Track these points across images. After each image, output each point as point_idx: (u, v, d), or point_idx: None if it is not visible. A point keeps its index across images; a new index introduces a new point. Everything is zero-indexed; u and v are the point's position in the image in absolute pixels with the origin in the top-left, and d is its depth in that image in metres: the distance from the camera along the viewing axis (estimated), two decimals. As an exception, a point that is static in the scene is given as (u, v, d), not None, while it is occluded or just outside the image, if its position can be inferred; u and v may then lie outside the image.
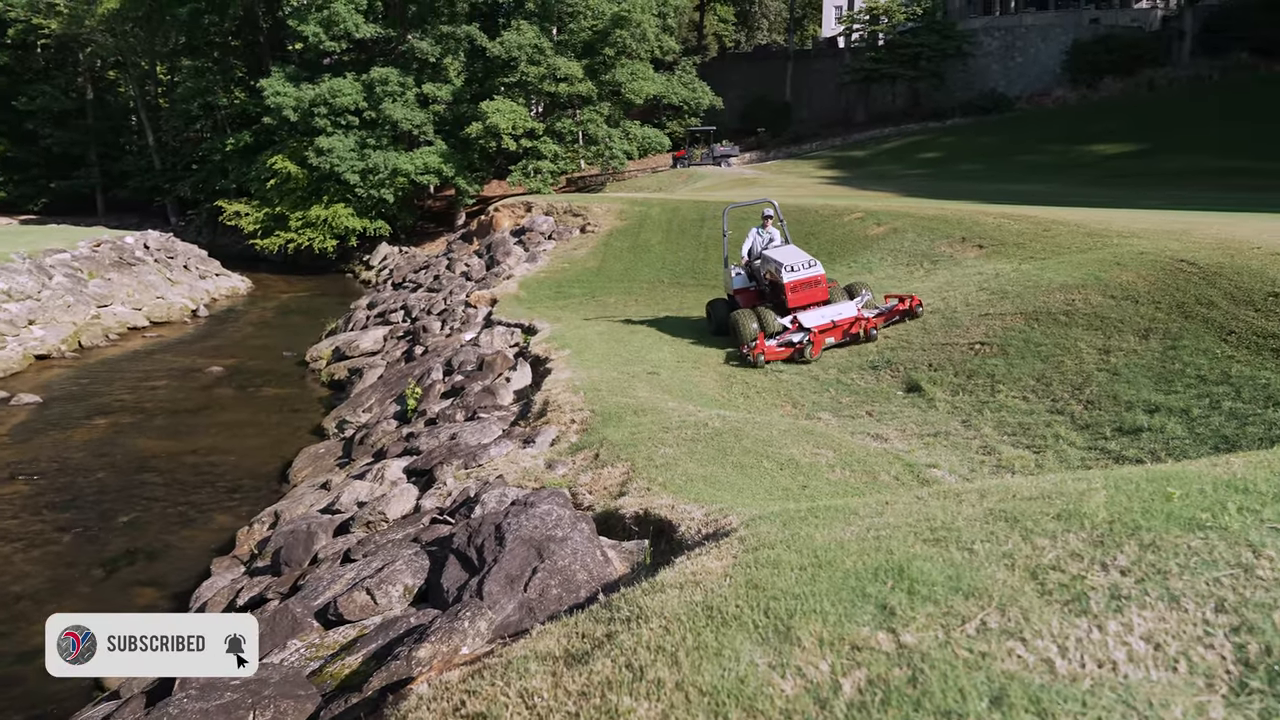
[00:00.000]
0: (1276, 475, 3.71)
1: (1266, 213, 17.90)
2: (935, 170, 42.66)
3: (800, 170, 46.22)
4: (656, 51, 43.22)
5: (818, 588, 3.34)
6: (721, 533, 5.11)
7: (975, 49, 56.27)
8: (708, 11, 78.02)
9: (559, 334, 15.98)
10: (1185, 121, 42.37)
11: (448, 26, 39.55)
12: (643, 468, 7.85)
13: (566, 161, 42.37)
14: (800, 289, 13.69)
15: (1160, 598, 2.81)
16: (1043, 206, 20.48)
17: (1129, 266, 12.25)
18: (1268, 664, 2.42)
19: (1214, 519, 3.31)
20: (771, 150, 56.29)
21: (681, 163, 49.81)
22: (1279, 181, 29.33)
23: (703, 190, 37.33)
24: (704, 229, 25.13)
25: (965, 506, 4.18)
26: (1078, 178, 35.31)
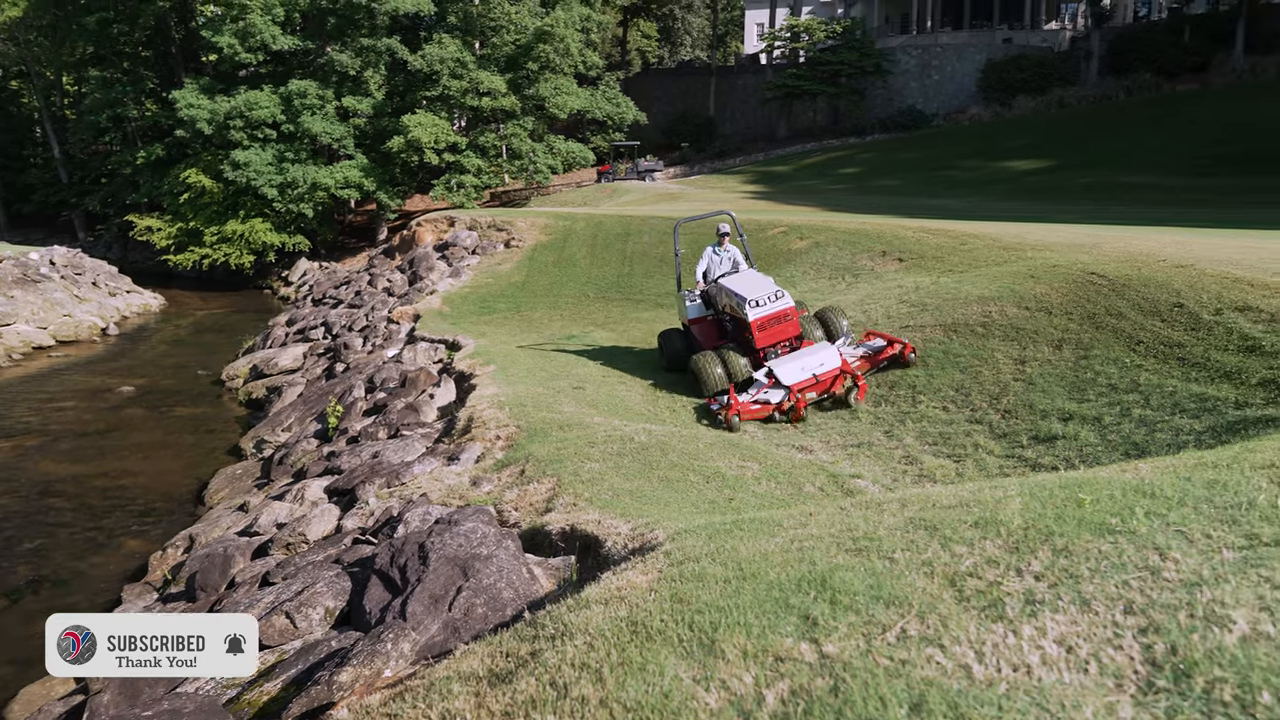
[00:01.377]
0: (1182, 480, 3.84)
1: (1170, 226, 18.62)
2: (856, 185, 43.47)
3: (724, 185, 46.68)
4: (580, 67, 43.32)
5: (742, 600, 3.36)
6: (648, 547, 5.10)
7: (894, 67, 57.61)
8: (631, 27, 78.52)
9: (484, 349, 15.84)
10: (1094, 138, 43.91)
11: (368, 39, 39.08)
12: (569, 483, 7.79)
13: (490, 176, 42.14)
14: (768, 326, 11.76)
15: (1072, 601, 2.88)
16: (960, 221, 21.01)
17: (1042, 279, 12.61)
18: (1173, 663, 2.49)
19: (1123, 523, 3.41)
20: (696, 165, 56.76)
21: (606, 177, 49.93)
22: (1183, 196, 30.56)
23: (627, 205, 37.46)
24: (629, 243, 25.20)
25: (887, 516, 4.24)
26: (993, 193, 36.32)
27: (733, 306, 12.22)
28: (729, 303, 12.37)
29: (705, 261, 13.59)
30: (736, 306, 12.03)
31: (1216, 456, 4.35)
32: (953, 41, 58.45)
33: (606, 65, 58.20)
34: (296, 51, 40.75)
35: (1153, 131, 42.80)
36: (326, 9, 39.02)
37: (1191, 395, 8.60)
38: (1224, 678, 2.39)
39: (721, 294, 12.59)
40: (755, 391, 11.35)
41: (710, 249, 13.65)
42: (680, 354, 13.31)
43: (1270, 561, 2.90)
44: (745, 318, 11.75)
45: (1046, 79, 53.71)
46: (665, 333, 14.04)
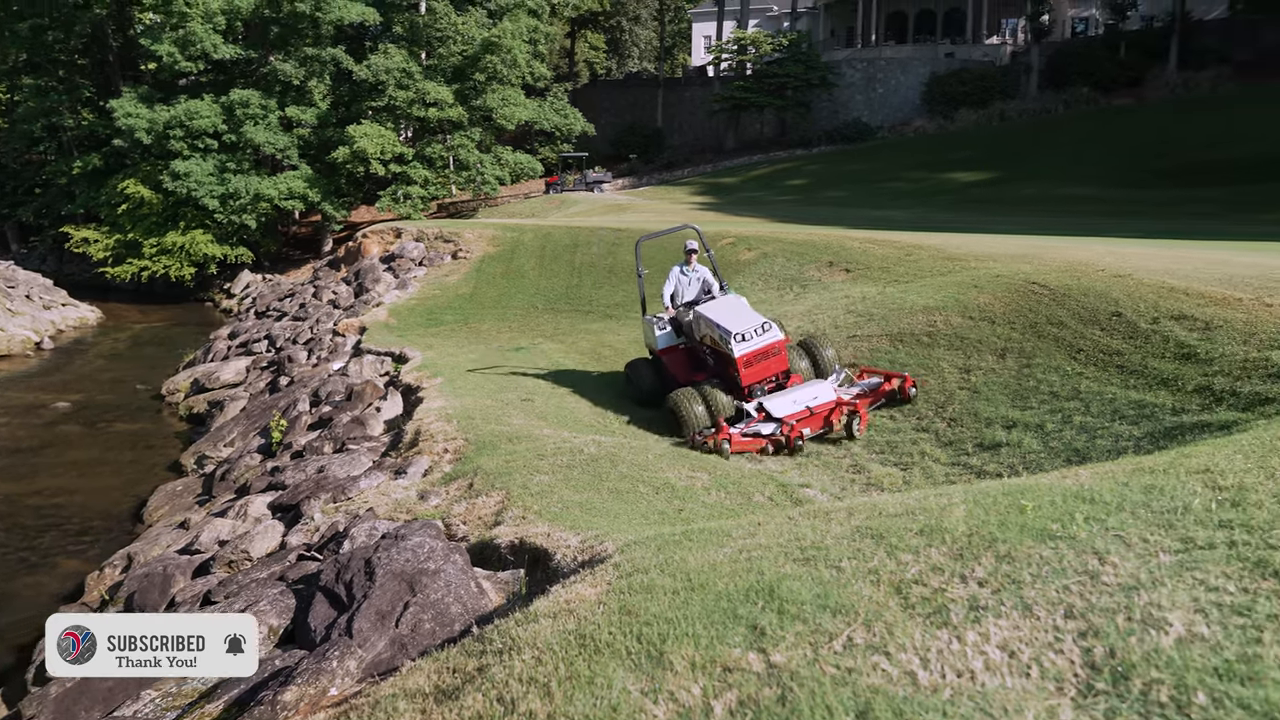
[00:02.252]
0: (1120, 485, 3.92)
1: (1108, 237, 19.05)
2: (803, 196, 43.89)
3: (672, 196, 46.87)
4: (528, 78, 43.24)
5: (690, 611, 3.35)
6: (597, 559, 5.08)
7: (839, 80, 58.41)
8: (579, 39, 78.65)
9: (431, 362, 15.70)
10: (1034, 151, 44.86)
11: (312, 49, 38.64)
12: (518, 496, 7.75)
13: (437, 187, 41.83)
14: (754, 362, 10.64)
15: (1015, 607, 2.92)
16: (905, 231, 21.29)
17: (986, 289, 12.82)
18: (1112, 666, 2.54)
19: (1063, 529, 3.47)
20: (644, 176, 56.93)
21: (554, 189, 49.87)
22: (1121, 207, 31.32)
23: (576, 216, 37.44)
24: (577, 254, 25.18)
25: (834, 525, 4.27)
26: (937, 204, 36.91)
27: (715, 339, 10.98)
28: (710, 334, 11.10)
29: (672, 283, 12.43)
30: (720, 340, 10.79)
31: (1154, 462, 4.45)
32: (897, 55, 59.46)
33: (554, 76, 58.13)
34: (239, 61, 40.17)
35: (1090, 144, 43.85)
36: (270, 18, 38.53)
37: (1130, 402, 8.79)
38: (1161, 679, 2.43)
39: (700, 324, 11.31)
40: (745, 424, 10.31)
41: (677, 269, 12.52)
42: (653, 388, 12.13)
43: (1204, 564, 2.96)
44: (730, 353, 10.58)
45: (988, 93, 54.87)
46: (634, 364, 12.81)
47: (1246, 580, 2.81)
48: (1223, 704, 2.30)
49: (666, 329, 12.23)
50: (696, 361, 11.85)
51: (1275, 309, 9.40)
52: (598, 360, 15.38)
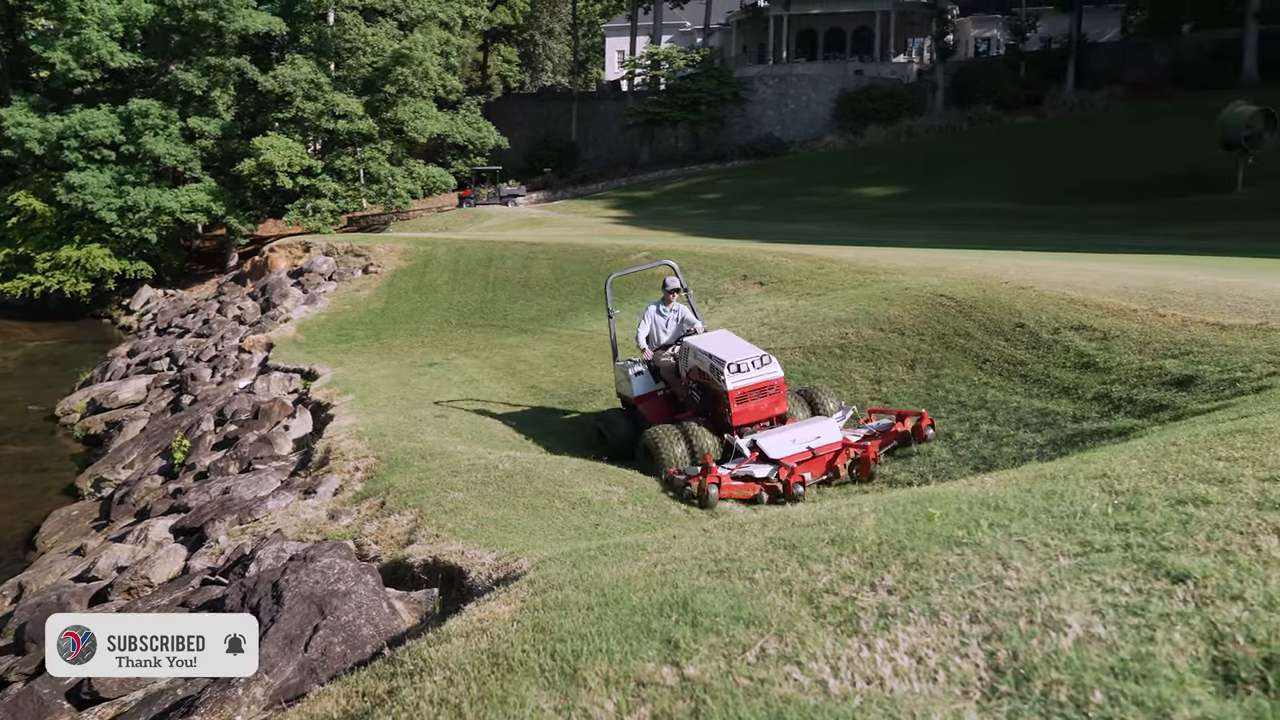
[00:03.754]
0: (1023, 492, 4.03)
1: (1012, 250, 19.66)
2: (717, 210, 44.35)
3: (587, 210, 46.92)
4: (440, 90, 42.86)
5: (605, 626, 3.34)
6: (512, 576, 5.04)
7: (752, 95, 59.33)
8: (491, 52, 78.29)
9: (342, 378, 15.40)
10: (941, 166, 46.17)
11: (215, 58, 37.64)
12: (432, 514, 7.64)
13: (347, 200, 41.12)
14: (749, 398, 9.34)
15: (922, 613, 2.97)
16: (818, 245, 21.65)
17: (895, 302, 13.11)
18: (1014, 668, 2.60)
19: (969, 536, 3.55)
20: (559, 190, 56.88)
21: (468, 202, 49.45)
22: (1024, 222, 32.43)
23: (489, 230, 37.20)
24: (491, 269, 25.01)
25: (748, 537, 4.30)
26: (849, 218, 37.65)
27: (703, 371, 9.70)
28: (698, 366, 9.80)
29: (648, 324, 11.22)
30: (710, 371, 9.50)
31: (1055, 469, 4.59)
32: (808, 72, 60.70)
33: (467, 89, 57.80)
34: (137, 69, 38.88)
35: (994, 160, 45.34)
36: (170, 26, 37.41)
37: (1034, 410, 9.08)
38: (1060, 680, 2.50)
39: (688, 356, 10.06)
40: (737, 464, 8.90)
41: (653, 308, 11.33)
42: (629, 439, 10.54)
43: (1102, 567, 3.06)
44: (722, 386, 9.26)
45: (896, 109, 56.39)
46: (606, 416, 11.37)
47: (1140, 581, 2.91)
48: (1118, 701, 2.38)
49: (643, 373, 10.96)
50: (676, 409, 10.63)
51: (1168, 319, 9.83)
52: (513, 375, 15.28)
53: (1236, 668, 2.39)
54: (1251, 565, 2.88)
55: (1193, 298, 10.56)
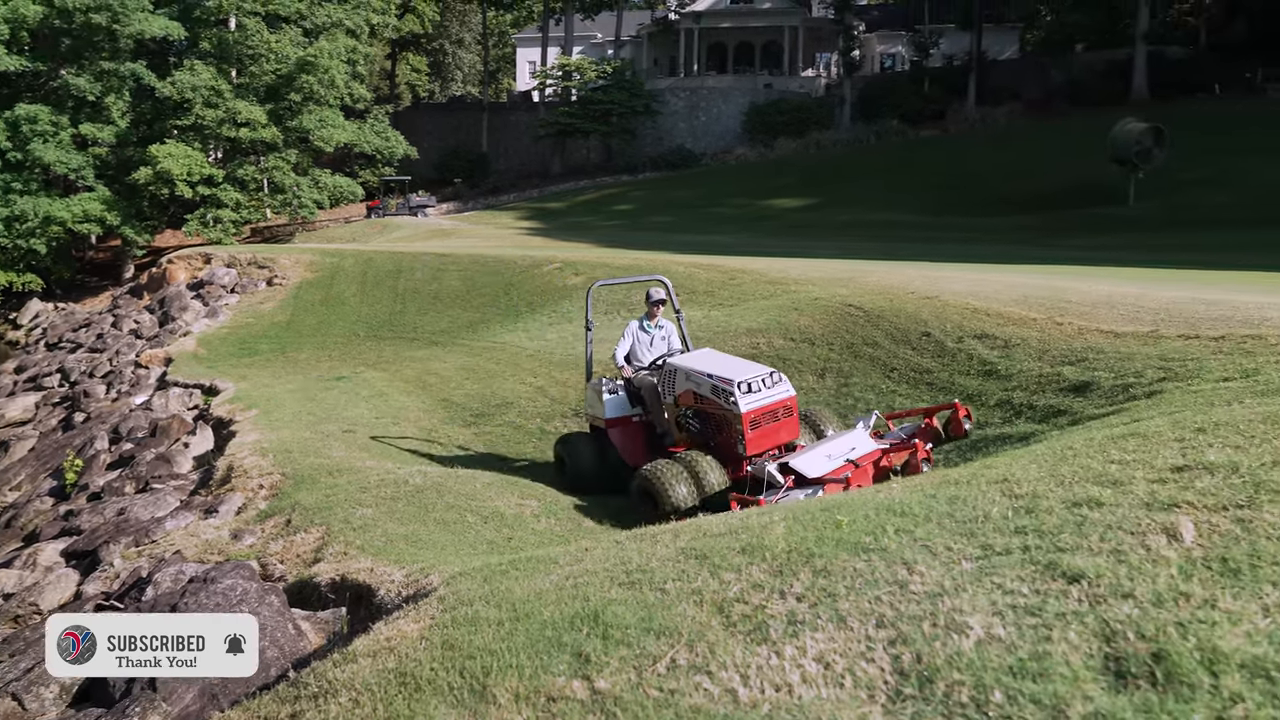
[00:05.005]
0: (928, 497, 4.12)
1: (918, 261, 20.17)
2: (629, 221, 44.52)
3: (499, 221, 46.63)
4: (347, 99, 42.20)
5: (515, 641, 3.30)
6: (422, 593, 4.96)
7: (663, 108, 59.90)
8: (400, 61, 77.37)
9: (245, 393, 14.97)
10: (849, 179, 47.22)
11: (109, 63, 36.37)
12: (339, 531, 7.47)
13: (250, 210, 40.13)
14: (764, 422, 8.00)
15: (830, 619, 3.01)
16: (729, 256, 21.88)
17: (806, 312, 13.31)
18: (918, 671, 2.65)
19: (875, 541, 3.61)
20: (469, 201, 56.46)
21: (376, 213, 48.72)
22: (929, 233, 33.35)
23: (399, 241, 36.68)
24: (401, 280, 24.65)
25: (660, 547, 4.31)
26: (760, 229, 38.19)
27: (700, 395, 8.35)
28: (691, 390, 8.46)
29: (628, 340, 9.72)
30: (713, 394, 8.16)
31: (958, 474, 4.70)
32: (718, 85, 61.56)
33: (375, 98, 56.98)
34: (25, 73, 37.35)
35: (900, 173, 46.58)
36: (61, 29, 36.03)
37: (938, 417, 9.30)
38: (962, 681, 2.56)
39: (678, 379, 8.64)
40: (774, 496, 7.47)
41: (636, 324, 9.84)
42: (594, 469, 9.39)
43: (1002, 569, 3.14)
44: (732, 410, 7.93)
45: (805, 123, 57.61)
46: (568, 440, 9.86)
47: (1038, 582, 2.99)
48: (1016, 700, 2.44)
49: (616, 393, 9.53)
50: (652, 438, 9.37)
51: (1065, 327, 10.19)
52: (423, 388, 15.06)
53: (1127, 664, 2.47)
54: (1141, 564, 2.99)
55: (1088, 307, 10.97)
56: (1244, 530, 3.09)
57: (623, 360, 9.57)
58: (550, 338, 16.92)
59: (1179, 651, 2.44)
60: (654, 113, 58.80)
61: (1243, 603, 2.65)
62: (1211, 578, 2.83)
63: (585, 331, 10.32)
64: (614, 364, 9.69)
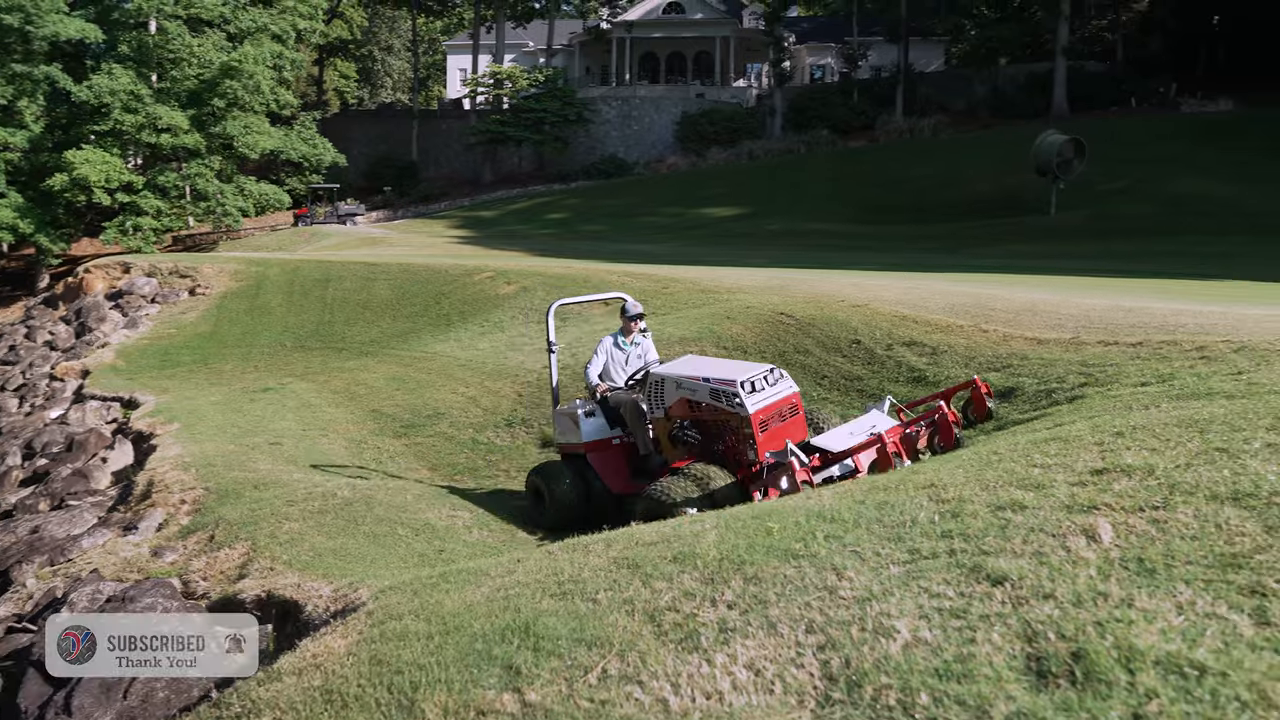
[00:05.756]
0: (857, 504, 4.17)
1: (848, 270, 20.45)
2: (562, 230, 44.44)
3: (430, 230, 46.17)
4: (273, 105, 41.39)
5: (445, 655, 3.26)
6: (350, 608, 4.88)
7: (595, 116, 60.02)
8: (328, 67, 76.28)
9: (166, 406, 14.57)
10: (780, 188, 47.76)
11: (22, 65, 35.16)
12: (265, 546, 7.30)
13: (172, 219, 39.08)
14: (772, 423, 7.35)
15: (761, 626, 3.02)
16: (662, 265, 21.95)
17: (738, 320, 13.40)
18: (847, 675, 2.68)
19: (806, 548, 3.64)
20: (400, 209, 55.85)
21: (304, 221, 47.90)
22: (859, 242, 33.90)
23: (327, 250, 36.10)
24: (329, 289, 24.25)
25: (592, 557, 4.29)
26: (692, 238, 38.41)
27: (696, 403, 7.69)
28: (686, 398, 7.78)
29: (601, 358, 8.99)
30: (713, 399, 7.50)
31: (887, 480, 4.77)
32: (650, 94, 61.92)
33: (302, 104, 56.09)
34: (-69, 76, 36.00)
35: (831, 183, 47.32)
36: (-30, 31, 34.81)
37: (868, 424, 9.42)
38: (889, 684, 2.59)
39: (666, 389, 7.96)
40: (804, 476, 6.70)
41: (610, 340, 9.12)
42: (578, 502, 8.40)
43: (928, 573, 3.19)
44: (739, 413, 7.26)
45: (737, 132, 58.26)
46: (544, 470, 8.79)
47: (963, 585, 3.05)
48: (942, 702, 2.48)
49: (594, 416, 8.70)
50: (635, 460, 8.60)
51: (990, 334, 10.42)
52: (352, 399, 14.82)
53: (1048, 663, 2.53)
54: (1062, 565, 3.06)
55: (1012, 314, 11.23)
56: (1159, 530, 3.19)
57: (595, 379, 8.83)
58: (482, 347, 16.77)
59: (1097, 650, 2.51)
60: (586, 121, 58.87)
61: (1157, 601, 2.72)
62: (1128, 577, 2.91)
63: (549, 354, 9.60)
64: (586, 383, 8.97)
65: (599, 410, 8.71)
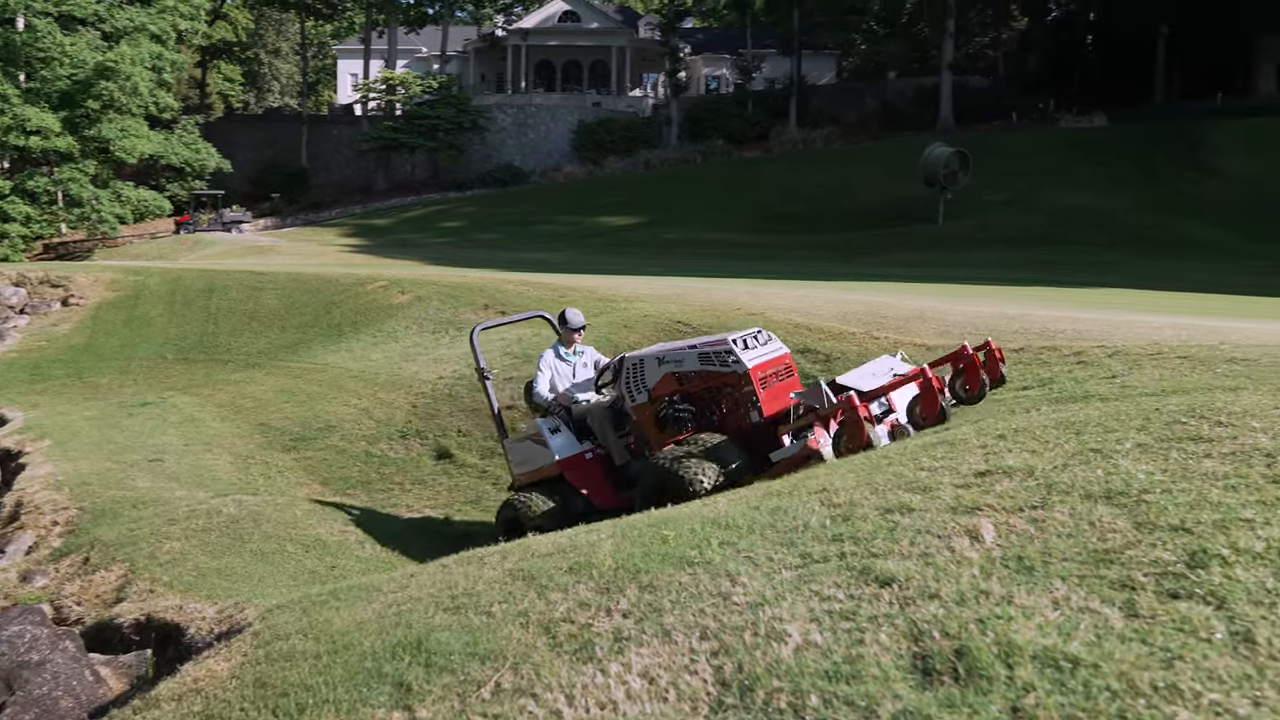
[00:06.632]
0: (751, 509, 4.21)
1: (744, 278, 20.76)
2: (457, 239, 44.01)
3: (321, 238, 45.14)
4: (152, 108, 39.95)
5: (333, 675, 3.18)
6: (235, 629, 4.72)
7: (491, 124, 59.65)
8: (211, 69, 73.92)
9: (37, 422, 13.84)
10: (677, 197, 48.26)
11: (-123, 63, 33.19)
12: (145, 567, 7.03)
13: (43, 225, 37.33)
14: (772, 380, 6.98)
15: (655, 634, 3.03)
16: (560, 274, 21.91)
17: (635, 329, 13.45)
18: (740, 680, 2.70)
19: (700, 555, 3.66)
20: (289, 217, 54.46)
21: (186, 228, 46.23)
22: (754, 250, 34.51)
23: (211, 258, 34.94)
24: (213, 299, 23.44)
25: (487, 569, 4.25)
26: (589, 247, 38.49)
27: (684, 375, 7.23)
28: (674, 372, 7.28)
29: (547, 374, 8.46)
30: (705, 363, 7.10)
31: (781, 485, 4.83)
32: (546, 103, 61.88)
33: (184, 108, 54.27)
34: None
35: (725, 192, 48.04)
36: None
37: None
38: (781, 687, 2.62)
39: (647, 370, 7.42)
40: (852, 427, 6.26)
41: (551, 353, 8.62)
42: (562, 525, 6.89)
43: (819, 577, 3.25)
44: (738, 369, 6.88)
45: (633, 142, 58.73)
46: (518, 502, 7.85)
47: (853, 588, 3.11)
48: (831, 703, 2.52)
49: (559, 432, 8.09)
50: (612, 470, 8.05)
51: (882, 341, 10.69)
52: (238, 413, 14.34)
53: (933, 661, 2.59)
54: (947, 565, 3.15)
55: (902, 321, 11.55)
56: (1038, 529, 3.31)
57: (547, 394, 8.32)
58: (375, 358, 16.44)
59: (978, 646, 2.58)
60: (482, 129, 58.46)
61: (1035, 597, 2.82)
62: (1009, 575, 3.01)
63: (482, 381, 8.87)
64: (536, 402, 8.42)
65: (564, 425, 8.11)
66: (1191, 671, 2.34)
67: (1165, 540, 2.98)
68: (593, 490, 7.81)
